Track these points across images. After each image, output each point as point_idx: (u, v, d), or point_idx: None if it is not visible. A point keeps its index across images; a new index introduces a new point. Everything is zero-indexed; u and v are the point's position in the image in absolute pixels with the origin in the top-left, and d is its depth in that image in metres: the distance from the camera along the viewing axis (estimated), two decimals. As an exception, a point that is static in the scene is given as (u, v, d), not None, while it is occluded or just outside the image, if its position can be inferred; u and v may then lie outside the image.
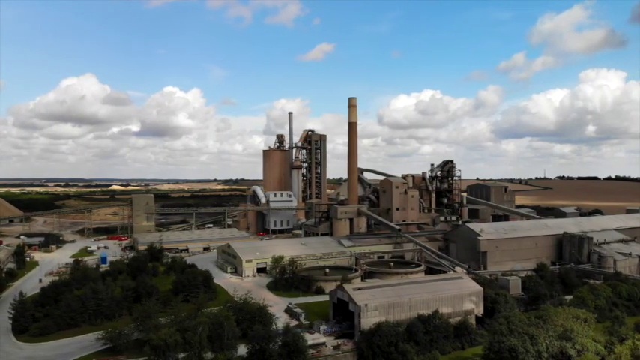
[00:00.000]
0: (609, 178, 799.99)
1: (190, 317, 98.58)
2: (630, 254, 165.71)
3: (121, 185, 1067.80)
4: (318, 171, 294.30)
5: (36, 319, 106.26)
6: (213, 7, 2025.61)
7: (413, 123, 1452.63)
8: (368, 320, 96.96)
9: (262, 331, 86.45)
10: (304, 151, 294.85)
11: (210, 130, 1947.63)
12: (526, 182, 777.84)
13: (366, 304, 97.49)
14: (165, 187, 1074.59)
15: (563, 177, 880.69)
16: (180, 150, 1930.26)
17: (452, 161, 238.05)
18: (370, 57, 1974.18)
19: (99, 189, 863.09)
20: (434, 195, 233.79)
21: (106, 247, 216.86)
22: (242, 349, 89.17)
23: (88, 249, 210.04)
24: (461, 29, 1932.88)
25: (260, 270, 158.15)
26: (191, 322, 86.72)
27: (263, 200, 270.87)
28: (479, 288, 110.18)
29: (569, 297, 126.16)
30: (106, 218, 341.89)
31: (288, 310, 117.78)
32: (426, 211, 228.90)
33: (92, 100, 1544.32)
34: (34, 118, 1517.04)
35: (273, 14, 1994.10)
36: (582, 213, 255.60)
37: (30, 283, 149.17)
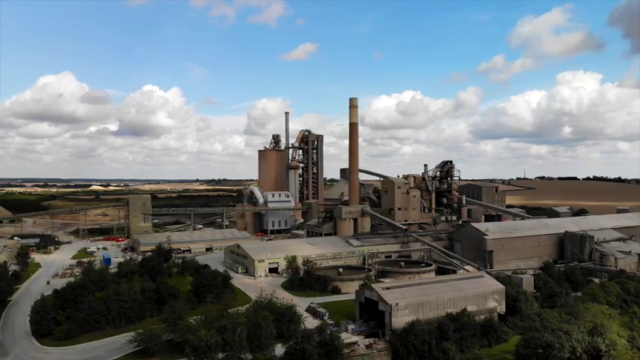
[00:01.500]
0: (588, 178, 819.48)
1: (219, 318, 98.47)
2: (630, 252, 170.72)
3: (101, 185, 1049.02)
4: (315, 171, 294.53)
5: (57, 322, 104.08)
6: (196, 6, 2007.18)
7: (394, 124, 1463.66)
8: (398, 319, 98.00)
9: (302, 330, 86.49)
10: (300, 151, 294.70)
11: (189, 129, 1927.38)
12: (509, 182, 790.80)
13: (396, 304, 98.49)
14: (147, 187, 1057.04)
15: (544, 177, 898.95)
16: (158, 150, 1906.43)
17: (451, 161, 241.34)
18: (353, 57, 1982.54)
19: (79, 189, 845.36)
20: (434, 195, 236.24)
21: (104, 249, 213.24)
22: (279, 349, 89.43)
23: (88, 250, 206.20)
24: (441, 31, 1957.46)
25: (271, 270, 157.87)
26: (230, 322, 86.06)
27: (261, 200, 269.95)
28: (501, 286, 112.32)
29: (575, 294, 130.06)
30: (96, 219, 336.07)
31: (311, 310, 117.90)
32: (426, 210, 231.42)
33: (70, 98, 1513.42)
34: (10, 116, 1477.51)
35: (257, 13, 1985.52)
36: (573, 213, 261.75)
37: (37, 286, 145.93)
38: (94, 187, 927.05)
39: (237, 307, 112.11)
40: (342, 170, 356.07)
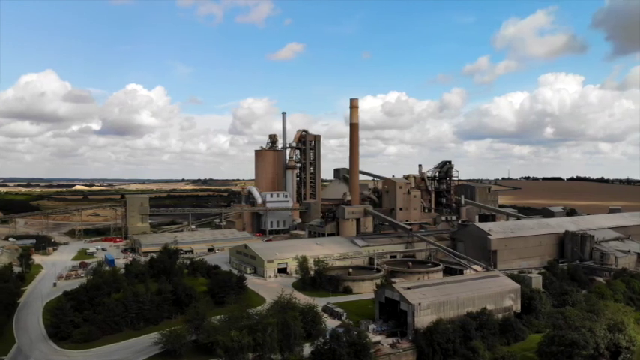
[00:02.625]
0: (572, 179, 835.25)
1: (241, 318, 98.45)
2: (629, 251, 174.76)
3: (85, 185, 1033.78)
4: (312, 171, 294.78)
5: (75, 324, 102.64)
6: (183, 5, 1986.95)
7: (379, 124, 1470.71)
8: (421, 319, 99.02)
9: (332, 330, 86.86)
10: (298, 152, 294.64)
11: (174, 128, 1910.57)
12: (495, 183, 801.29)
13: (419, 303, 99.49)
14: (133, 187, 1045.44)
15: (529, 177, 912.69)
16: (142, 149, 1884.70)
17: (450, 162, 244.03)
18: (339, 57, 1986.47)
19: (63, 189, 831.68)
20: (433, 195, 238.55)
21: (103, 249, 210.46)
22: (306, 349, 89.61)
23: (87, 251, 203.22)
24: (426, 32, 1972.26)
25: (280, 270, 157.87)
26: (260, 322, 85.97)
27: (259, 201, 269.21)
28: (517, 285, 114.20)
29: (581, 293, 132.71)
30: (87, 219, 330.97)
31: (328, 310, 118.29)
32: (426, 210, 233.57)
33: (52, 97, 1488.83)
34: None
35: (245, 13, 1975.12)
36: (568, 213, 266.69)
37: (43, 287, 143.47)
38: (79, 187, 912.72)
39: (252, 307, 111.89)
40: (336, 170, 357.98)
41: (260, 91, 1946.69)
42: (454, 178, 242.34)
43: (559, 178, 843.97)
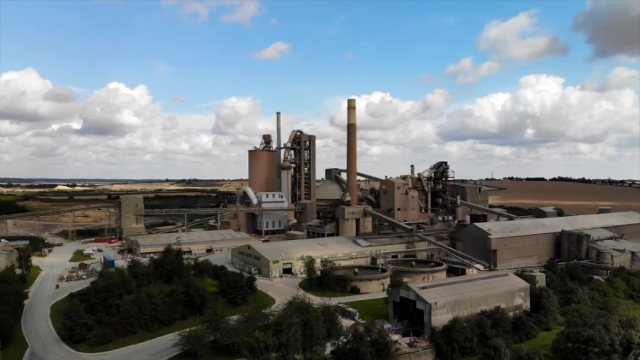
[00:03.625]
0: (554, 179, 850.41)
1: (258, 318, 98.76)
2: (624, 250, 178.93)
3: (67, 185, 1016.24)
4: (307, 171, 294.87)
5: (89, 327, 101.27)
6: (168, 3, 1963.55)
7: (363, 124, 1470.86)
8: (437, 318, 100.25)
9: (355, 330, 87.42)
10: (292, 152, 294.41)
11: (156, 128, 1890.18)
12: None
13: (435, 302, 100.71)
14: (116, 187, 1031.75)
15: (512, 178, 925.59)
16: (123, 149, 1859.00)
17: (445, 162, 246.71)
18: (325, 58, 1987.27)
19: (45, 189, 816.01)
20: (429, 195, 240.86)
21: (99, 250, 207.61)
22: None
23: (84, 253, 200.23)
24: (409, 34, 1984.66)
25: (285, 271, 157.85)
26: (284, 322, 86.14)
27: (255, 201, 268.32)
28: (526, 284, 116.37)
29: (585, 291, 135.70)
30: (77, 220, 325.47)
31: (340, 310, 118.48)
32: (423, 211, 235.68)
33: (33, 95, 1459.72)
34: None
35: (230, 12, 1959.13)
36: (561, 213, 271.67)
37: (45, 289, 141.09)
38: (61, 188, 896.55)
39: (263, 308, 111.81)
40: (327, 170, 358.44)
41: (244, 91, 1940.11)
42: (450, 179, 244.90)
43: (542, 179, 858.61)
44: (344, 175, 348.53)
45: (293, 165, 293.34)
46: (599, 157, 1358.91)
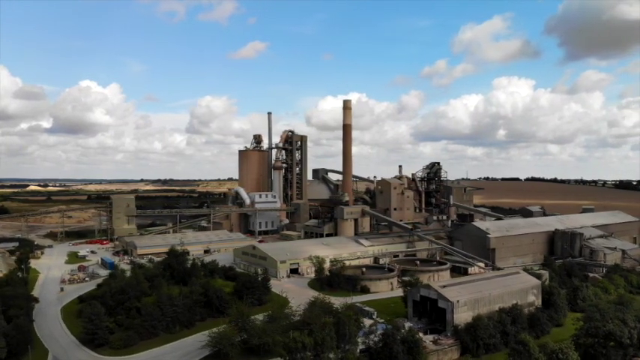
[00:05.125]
0: (528, 179, 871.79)
1: (281, 318, 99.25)
2: (616, 248, 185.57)
3: (39, 186, 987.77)
4: (298, 171, 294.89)
5: (110, 330, 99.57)
6: (144, 2, 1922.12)
7: (339, 125, 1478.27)
8: (459, 315, 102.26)
9: (388, 328, 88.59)
10: (284, 152, 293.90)
11: (128, 127, 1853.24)
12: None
13: (457, 301, 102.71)
14: (90, 187, 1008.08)
15: (488, 178, 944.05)
16: (94, 148, 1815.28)
17: (438, 163, 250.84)
18: (301, 58, 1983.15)
19: (17, 189, 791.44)
20: (423, 195, 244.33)
21: (93, 252, 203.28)
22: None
23: (79, 254, 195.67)
24: (385, 35, 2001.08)
25: (292, 271, 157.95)
26: (317, 322, 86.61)
27: (248, 201, 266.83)
28: (537, 282, 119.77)
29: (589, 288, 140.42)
30: (61, 221, 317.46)
31: (357, 309, 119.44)
32: (417, 210, 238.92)
33: (2, 93, 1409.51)
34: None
35: (208, 11, 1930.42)
36: (545, 212, 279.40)
37: (49, 292, 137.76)
38: (33, 188, 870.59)
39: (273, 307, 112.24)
40: (315, 171, 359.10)
41: (219, 90, 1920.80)
42: (443, 179, 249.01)
43: (517, 179, 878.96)
44: (331, 175, 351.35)
45: (284, 165, 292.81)
46: (569, 158, 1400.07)
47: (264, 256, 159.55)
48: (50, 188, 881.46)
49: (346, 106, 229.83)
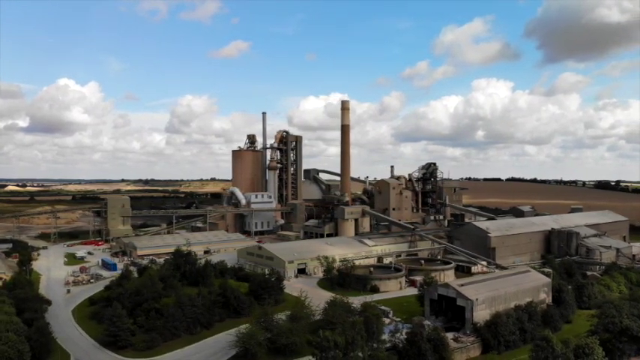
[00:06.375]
0: (509, 179, 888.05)
1: (303, 317, 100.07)
2: (610, 247, 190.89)
3: (17, 186, 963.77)
4: (293, 172, 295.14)
5: (132, 332, 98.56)
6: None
7: (321, 125, 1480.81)
8: (478, 313, 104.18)
9: (415, 327, 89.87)
10: (279, 152, 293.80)
11: (107, 126, 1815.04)
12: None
13: (477, 299, 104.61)
14: (70, 187, 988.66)
15: (470, 178, 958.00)
16: (71, 147, 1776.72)
17: (434, 163, 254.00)
18: (284, 57, 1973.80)
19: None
20: (420, 195, 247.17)
21: (90, 253, 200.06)
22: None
23: (77, 256, 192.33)
24: (366, 36, 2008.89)
25: (300, 271, 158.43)
26: (345, 321, 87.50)
27: (243, 202, 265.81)
28: (548, 280, 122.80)
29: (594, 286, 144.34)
30: (48, 222, 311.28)
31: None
32: (414, 210, 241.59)
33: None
34: None
35: (190, 10, 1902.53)
36: (536, 212, 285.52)
37: (56, 294, 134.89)
38: (12, 188, 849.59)
39: (288, 307, 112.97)
40: (306, 171, 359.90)
41: (200, 89, 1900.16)
42: (439, 179, 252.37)
43: (499, 179, 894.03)
44: (322, 176, 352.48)
45: (279, 165, 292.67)
46: (546, 159, 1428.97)
47: (271, 256, 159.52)
48: (29, 188, 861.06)
49: (344, 106, 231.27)
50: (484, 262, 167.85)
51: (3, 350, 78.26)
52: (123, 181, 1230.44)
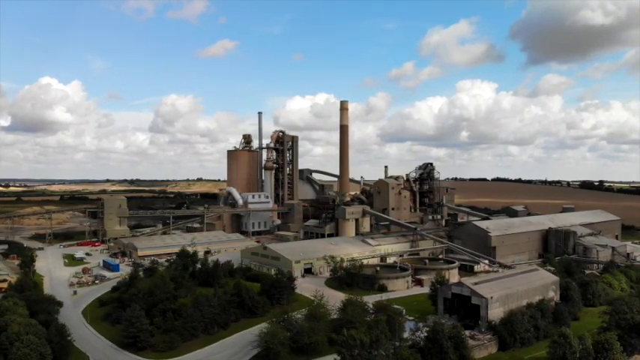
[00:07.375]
0: (495, 179, 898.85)
1: (321, 317, 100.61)
2: (606, 245, 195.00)
3: (0, 186, 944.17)
4: (289, 172, 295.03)
5: (151, 333, 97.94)
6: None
7: (308, 125, 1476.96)
8: (492, 312, 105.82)
9: (436, 325, 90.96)
10: (275, 152, 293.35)
11: (90, 125, 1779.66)
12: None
13: (491, 297, 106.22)
14: (55, 188, 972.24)
15: (456, 178, 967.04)
16: (53, 147, 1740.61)
17: (432, 164, 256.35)
18: (271, 57, 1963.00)
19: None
20: (417, 195, 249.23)
21: (88, 254, 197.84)
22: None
23: (76, 257, 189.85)
24: (352, 37, 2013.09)
25: (306, 271, 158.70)
26: (372, 320, 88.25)
27: (240, 202, 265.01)
28: (556, 278, 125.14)
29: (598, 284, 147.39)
30: (40, 222, 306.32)
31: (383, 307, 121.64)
32: (412, 210, 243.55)
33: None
34: None
35: (177, 9, 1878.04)
36: (529, 212, 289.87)
37: (61, 296, 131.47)
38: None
39: (301, 307, 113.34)
40: (300, 171, 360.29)
41: (185, 88, 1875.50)
42: (435, 179, 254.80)
43: (484, 179, 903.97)
44: (315, 176, 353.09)
45: (275, 165, 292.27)
46: (528, 159, 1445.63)
47: (278, 256, 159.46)
48: (13, 189, 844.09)
49: (343, 107, 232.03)
50: (486, 261, 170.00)
51: (25, 353, 77.15)
52: (108, 181, 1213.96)
